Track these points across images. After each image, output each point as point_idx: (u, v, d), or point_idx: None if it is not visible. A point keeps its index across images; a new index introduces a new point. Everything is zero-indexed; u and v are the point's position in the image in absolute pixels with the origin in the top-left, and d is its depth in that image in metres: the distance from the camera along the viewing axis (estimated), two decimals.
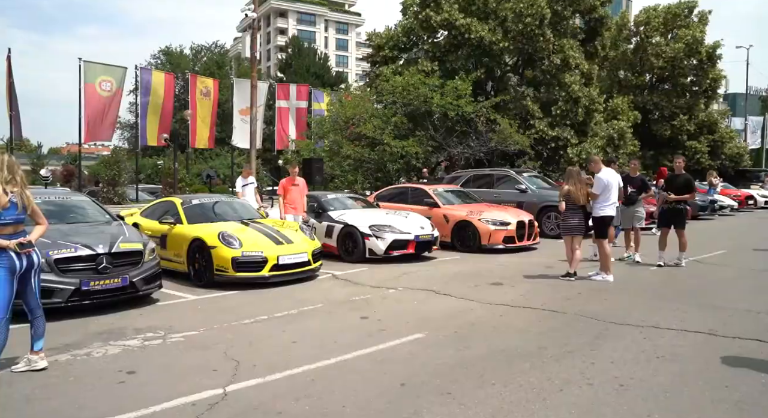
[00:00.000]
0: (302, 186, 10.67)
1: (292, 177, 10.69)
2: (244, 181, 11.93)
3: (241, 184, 11.91)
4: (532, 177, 15.45)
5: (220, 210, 9.28)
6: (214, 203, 9.45)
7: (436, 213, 12.10)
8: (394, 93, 19.52)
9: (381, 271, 9.16)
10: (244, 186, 11.86)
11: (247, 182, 11.85)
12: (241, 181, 12.02)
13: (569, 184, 7.92)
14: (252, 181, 11.94)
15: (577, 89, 20.12)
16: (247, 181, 11.87)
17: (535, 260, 10.25)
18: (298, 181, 10.64)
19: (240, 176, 12.36)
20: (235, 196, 11.23)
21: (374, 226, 10.03)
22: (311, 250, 8.46)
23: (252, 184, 11.92)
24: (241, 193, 11.57)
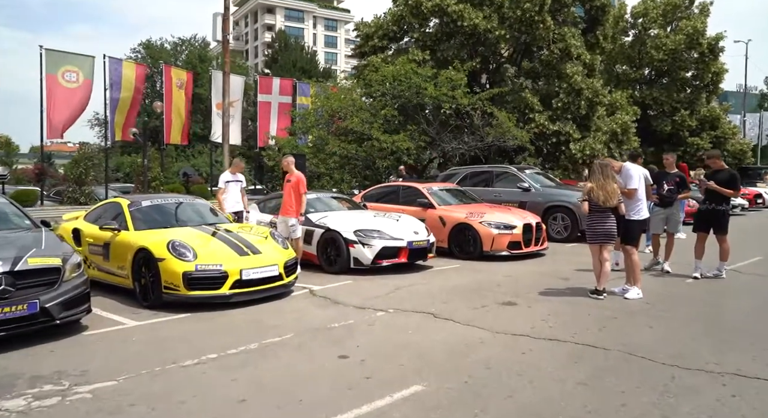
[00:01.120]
0: (295, 182, 8.79)
1: (290, 173, 9.08)
2: (230, 177, 9.74)
3: (224, 180, 9.68)
4: (536, 174, 14.08)
5: (175, 213, 7.80)
6: (170, 205, 7.96)
7: (431, 215, 10.69)
8: (384, 84, 18.08)
9: (368, 285, 7.73)
10: (228, 182, 9.65)
11: (234, 179, 9.72)
12: (227, 176, 9.80)
13: (593, 181, 6.52)
14: (239, 179, 9.95)
15: (579, 80, 18.78)
16: (234, 178, 9.74)
17: (546, 270, 8.86)
18: (292, 177, 8.89)
19: (226, 171, 10.25)
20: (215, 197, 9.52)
21: (360, 231, 8.60)
22: (284, 261, 7.01)
23: (239, 183, 9.95)
24: (222, 191, 9.60)
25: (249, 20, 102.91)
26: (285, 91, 23.13)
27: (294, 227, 8.68)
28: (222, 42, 12.69)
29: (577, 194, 12.87)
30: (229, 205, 9.50)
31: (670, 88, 30.02)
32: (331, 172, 18.05)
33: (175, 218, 7.66)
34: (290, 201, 8.77)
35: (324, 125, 19.09)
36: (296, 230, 8.70)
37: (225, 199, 9.51)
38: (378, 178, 16.98)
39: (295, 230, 8.69)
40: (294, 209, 8.71)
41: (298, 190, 8.74)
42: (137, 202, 7.69)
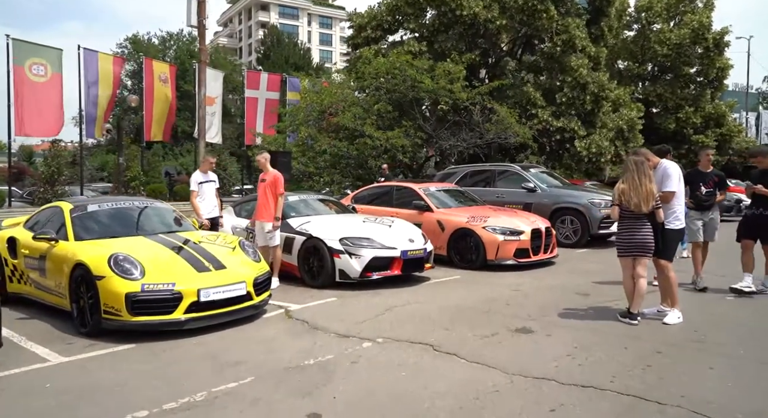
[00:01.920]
0: (271, 181, 7.65)
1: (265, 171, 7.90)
2: (202, 178, 8.43)
3: (196, 181, 8.37)
4: (541, 174, 12.98)
5: (128, 220, 6.64)
6: (123, 210, 6.78)
7: (429, 219, 9.57)
8: (377, 77, 16.93)
9: (355, 303, 6.59)
10: (202, 184, 8.38)
11: (207, 179, 8.45)
12: (198, 176, 8.42)
13: (626, 181, 5.39)
14: (213, 178, 8.76)
15: (585, 74, 17.68)
16: (206, 178, 8.46)
17: (560, 282, 7.75)
18: (267, 176, 7.75)
19: (197, 171, 8.80)
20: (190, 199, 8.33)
21: (347, 239, 7.46)
22: (253, 277, 5.87)
23: (212, 183, 8.75)
24: (196, 194, 8.31)
25: (243, 17, 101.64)
26: (273, 86, 21.95)
27: (271, 233, 7.55)
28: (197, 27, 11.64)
29: (587, 195, 11.79)
30: (205, 210, 8.34)
31: (674, 85, 28.96)
32: (321, 172, 16.91)
33: (126, 226, 6.49)
34: (266, 203, 7.64)
35: (314, 122, 17.93)
36: (274, 237, 7.56)
37: (200, 203, 8.33)
38: (371, 178, 15.86)
39: (273, 237, 7.56)
40: (269, 213, 7.58)
41: (275, 190, 7.59)
42: (81, 207, 6.52)
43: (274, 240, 7.59)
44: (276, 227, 7.55)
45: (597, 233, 11.39)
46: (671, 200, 5.63)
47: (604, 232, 11.50)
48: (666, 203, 5.60)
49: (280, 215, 7.59)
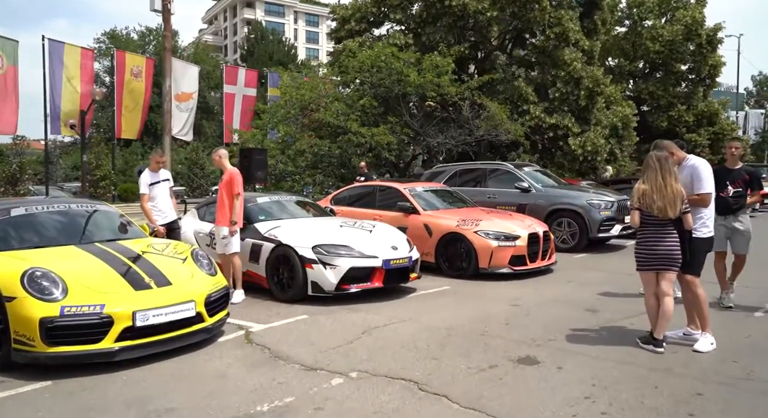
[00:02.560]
0: (226, 180, 6.75)
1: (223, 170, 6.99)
2: (152, 178, 7.45)
3: (146, 182, 7.32)
4: (535, 172, 12.11)
5: (60, 226, 5.64)
6: (54, 215, 5.77)
7: (415, 222, 8.67)
8: (362, 71, 16.00)
9: (328, 323, 5.66)
10: (153, 185, 7.35)
11: (158, 179, 7.43)
12: (148, 177, 7.35)
13: (647, 181, 4.51)
14: (165, 177, 7.80)
15: (579, 68, 16.86)
16: (157, 177, 7.43)
17: (562, 295, 6.88)
18: (225, 175, 6.86)
19: (146, 170, 7.61)
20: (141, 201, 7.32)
21: (321, 246, 6.52)
22: (205, 295, 4.91)
23: (166, 182, 7.81)
24: (147, 197, 7.28)
25: (228, 15, 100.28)
26: (251, 83, 20.95)
27: (226, 239, 6.65)
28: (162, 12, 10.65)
29: (585, 196, 10.95)
30: (159, 214, 7.35)
31: (666, 82, 28.34)
32: (302, 171, 15.96)
33: (57, 234, 5.50)
34: (222, 205, 6.71)
35: (294, 119, 16.96)
36: (229, 244, 6.65)
37: (152, 207, 7.33)
38: (355, 178, 14.95)
39: (228, 243, 6.66)
40: (226, 217, 6.67)
41: (230, 190, 6.66)
42: (3, 211, 5.51)
43: (230, 247, 6.68)
44: (233, 232, 6.64)
45: (596, 236, 10.56)
46: (708, 203, 4.74)
47: (604, 235, 10.68)
48: (704, 207, 4.72)
49: (237, 219, 6.66)
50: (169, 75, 10.34)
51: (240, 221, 6.74)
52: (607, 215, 10.56)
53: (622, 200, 11.06)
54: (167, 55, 10.26)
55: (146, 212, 7.25)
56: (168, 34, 9.52)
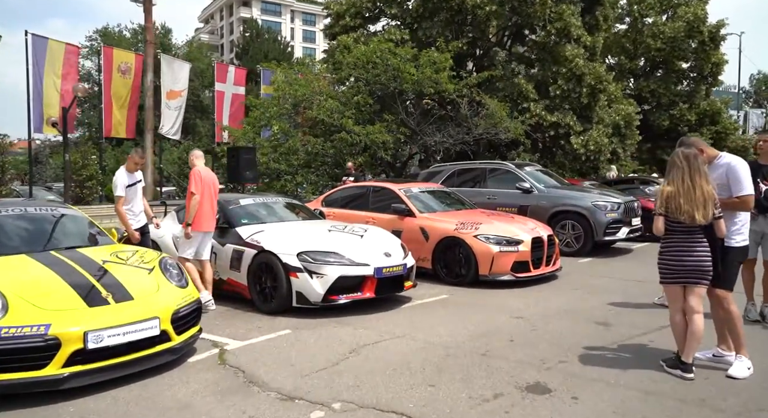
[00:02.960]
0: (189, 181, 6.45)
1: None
2: (129, 179, 6.68)
3: (123, 184, 6.61)
4: (537, 172, 11.55)
5: (13, 233, 5.07)
6: (9, 219, 5.20)
7: (410, 226, 8.11)
8: (356, 67, 15.44)
9: (312, 340, 5.10)
10: (129, 187, 6.70)
11: (134, 180, 6.77)
12: (124, 177, 6.64)
13: (672, 182, 3.96)
14: (139, 178, 6.87)
15: (581, 64, 16.30)
16: (133, 179, 6.76)
17: (570, 306, 6.32)
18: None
19: (121, 168, 6.84)
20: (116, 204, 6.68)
21: (307, 253, 5.96)
22: (172, 311, 4.35)
23: (139, 183, 6.92)
24: (123, 200, 6.58)
25: (224, 14, 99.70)
26: (240, 81, 20.38)
27: (188, 244, 6.26)
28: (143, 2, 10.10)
29: (590, 197, 10.40)
30: (133, 219, 6.77)
31: (668, 80, 27.79)
32: (295, 171, 15.40)
33: (8, 241, 4.92)
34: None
35: (287, 116, 16.41)
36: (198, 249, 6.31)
37: (127, 211, 6.74)
38: (341, 179, 14.43)
39: (188, 246, 6.27)
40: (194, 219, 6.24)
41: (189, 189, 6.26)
42: None
43: (197, 253, 6.30)
44: (186, 235, 6.21)
45: (602, 239, 10.02)
46: (749, 207, 4.17)
47: (610, 238, 10.14)
48: (746, 211, 4.17)
49: (191, 221, 6.20)
50: (151, 69, 9.80)
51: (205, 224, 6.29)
52: (613, 217, 10.02)
53: (629, 202, 10.54)
54: (148, 49, 9.70)
55: (122, 216, 6.66)
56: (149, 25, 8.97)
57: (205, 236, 6.37)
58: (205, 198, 6.27)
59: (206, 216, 6.30)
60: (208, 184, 6.34)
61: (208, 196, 6.32)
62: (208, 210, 6.33)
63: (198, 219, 6.23)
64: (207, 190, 6.30)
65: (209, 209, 6.35)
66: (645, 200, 11.93)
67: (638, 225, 10.62)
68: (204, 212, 6.27)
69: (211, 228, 6.39)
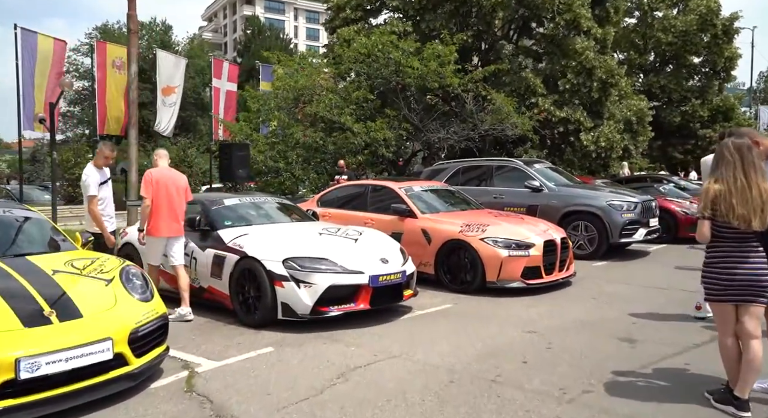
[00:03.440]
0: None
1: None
2: (101, 176, 6.14)
3: (96, 182, 6.04)
4: (547, 170, 10.88)
5: None
6: None
7: (412, 227, 7.47)
8: (357, 61, 14.80)
9: (297, 358, 4.47)
10: (102, 185, 6.16)
11: (105, 178, 6.23)
12: (95, 174, 6.08)
13: (721, 179, 3.29)
14: (110, 176, 6.56)
15: (591, 57, 15.60)
16: (104, 177, 6.22)
17: (588, 317, 5.67)
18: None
19: (90, 165, 6.21)
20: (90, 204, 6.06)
21: (294, 259, 5.32)
22: (129, 329, 3.73)
23: (109, 181, 6.53)
24: (96, 200, 6.01)
25: (228, 12, 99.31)
26: (232, 77, 19.81)
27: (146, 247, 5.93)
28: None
29: (605, 196, 9.73)
30: (108, 221, 6.18)
31: (679, 76, 27.02)
32: (293, 168, 14.78)
33: None
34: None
35: (287, 110, 15.78)
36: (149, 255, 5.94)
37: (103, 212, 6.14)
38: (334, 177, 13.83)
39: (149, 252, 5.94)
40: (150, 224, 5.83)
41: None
42: None
43: (168, 258, 5.86)
44: (140, 240, 5.91)
45: (618, 241, 9.35)
46: None
47: (626, 240, 9.47)
48: None
49: (143, 227, 5.83)
50: (135, 61, 9.20)
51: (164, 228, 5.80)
52: (630, 217, 9.35)
53: (647, 201, 9.86)
54: (132, 39, 9.13)
55: (98, 217, 6.04)
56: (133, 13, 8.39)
57: (170, 241, 5.84)
58: (161, 201, 5.75)
59: (164, 220, 5.78)
60: (164, 185, 5.80)
61: (166, 198, 5.79)
62: (166, 213, 5.79)
63: (154, 224, 5.75)
64: (163, 193, 5.79)
65: (167, 212, 5.80)
66: (663, 200, 11.28)
67: (656, 226, 9.95)
68: (161, 216, 5.76)
69: (173, 232, 5.84)
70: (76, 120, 34.71)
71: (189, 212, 6.46)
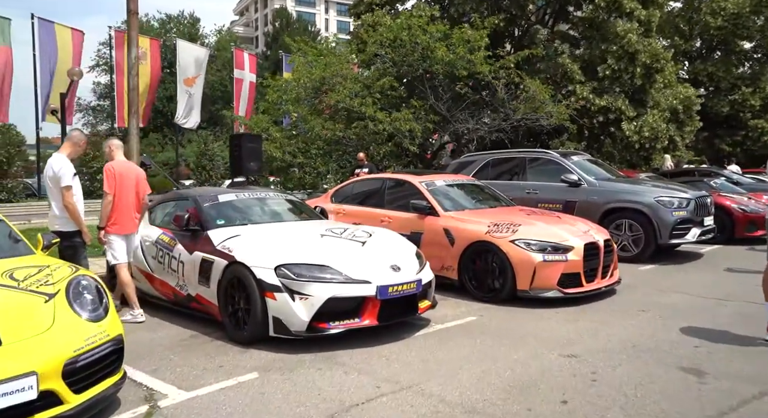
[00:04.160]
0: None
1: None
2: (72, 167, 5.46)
3: (72, 172, 5.36)
4: (586, 162, 9.85)
5: None
6: None
7: (432, 226, 6.61)
8: (382, 46, 13.96)
9: (282, 389, 3.67)
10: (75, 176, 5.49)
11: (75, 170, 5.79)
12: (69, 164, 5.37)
13: None
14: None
15: (634, 40, 14.39)
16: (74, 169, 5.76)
17: (638, 336, 4.72)
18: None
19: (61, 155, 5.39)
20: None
21: (288, 266, 4.52)
22: (64, 359, 2.98)
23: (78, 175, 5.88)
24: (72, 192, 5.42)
25: (259, 5, 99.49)
26: (252, 68, 19.23)
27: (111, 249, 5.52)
28: None
29: (653, 191, 8.67)
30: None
31: (728, 62, 25.33)
32: (314, 161, 14.07)
33: None
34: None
35: (307, 101, 15.06)
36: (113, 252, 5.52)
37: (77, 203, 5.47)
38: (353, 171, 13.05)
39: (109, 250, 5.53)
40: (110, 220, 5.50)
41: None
42: None
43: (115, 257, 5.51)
44: (100, 241, 5.55)
45: (667, 242, 8.30)
46: None
47: (677, 241, 8.41)
48: None
49: (103, 224, 5.44)
50: (135, 45, 8.58)
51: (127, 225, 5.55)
52: (681, 215, 8.29)
53: (701, 197, 8.77)
54: (132, 21, 8.53)
55: (76, 211, 5.34)
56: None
57: (129, 238, 5.62)
58: (122, 195, 5.46)
59: (126, 216, 5.52)
60: (126, 179, 5.50)
61: (126, 193, 5.50)
62: (127, 209, 5.53)
63: (118, 220, 5.45)
64: (125, 187, 5.48)
65: (128, 207, 5.53)
66: (717, 196, 10.13)
67: (711, 225, 8.85)
68: (123, 212, 5.47)
69: (133, 229, 5.64)
70: (106, 114, 34.77)
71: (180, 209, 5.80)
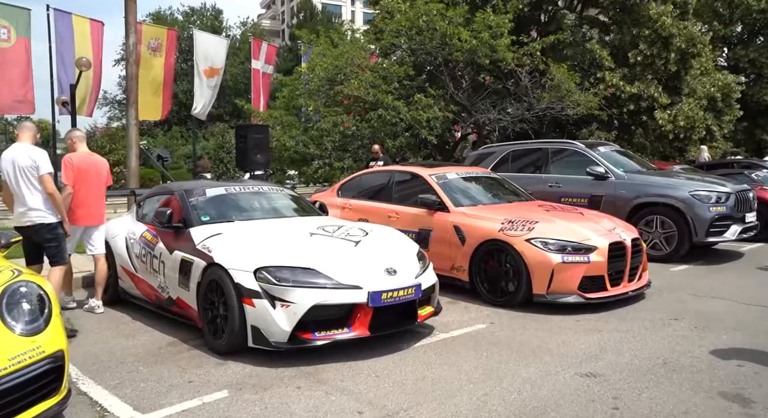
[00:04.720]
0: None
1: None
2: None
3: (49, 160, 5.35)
4: (614, 153, 9.14)
5: None
6: None
7: (442, 223, 6.06)
8: (400, 34, 13.39)
9: (252, 412, 3.20)
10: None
11: None
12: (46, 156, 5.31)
13: None
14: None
15: (669, 24, 13.48)
16: None
17: (671, 350, 4.11)
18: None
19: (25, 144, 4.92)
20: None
21: (268, 269, 4.03)
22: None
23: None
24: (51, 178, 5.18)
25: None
26: (270, 59, 18.76)
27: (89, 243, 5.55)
28: None
29: (688, 184, 7.94)
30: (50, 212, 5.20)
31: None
32: (328, 154, 13.61)
33: None
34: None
35: (322, 93, 14.59)
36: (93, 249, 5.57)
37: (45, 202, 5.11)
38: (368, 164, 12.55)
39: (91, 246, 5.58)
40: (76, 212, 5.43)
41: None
42: None
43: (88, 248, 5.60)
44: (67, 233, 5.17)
45: (703, 241, 7.59)
46: None
47: (714, 239, 7.70)
48: None
49: (62, 218, 5.04)
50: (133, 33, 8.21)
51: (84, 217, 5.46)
52: (720, 211, 7.56)
53: (742, 191, 8.00)
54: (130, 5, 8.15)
55: (60, 200, 4.97)
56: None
57: (89, 230, 5.51)
58: (81, 188, 5.36)
59: (83, 207, 5.41)
60: (85, 171, 5.40)
61: (86, 185, 5.39)
62: (85, 200, 5.41)
63: (72, 212, 5.29)
64: (84, 179, 5.38)
65: (86, 199, 5.42)
66: (760, 189, 9.31)
67: (753, 222, 8.09)
68: (79, 203, 5.37)
69: (93, 221, 5.52)
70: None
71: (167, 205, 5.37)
